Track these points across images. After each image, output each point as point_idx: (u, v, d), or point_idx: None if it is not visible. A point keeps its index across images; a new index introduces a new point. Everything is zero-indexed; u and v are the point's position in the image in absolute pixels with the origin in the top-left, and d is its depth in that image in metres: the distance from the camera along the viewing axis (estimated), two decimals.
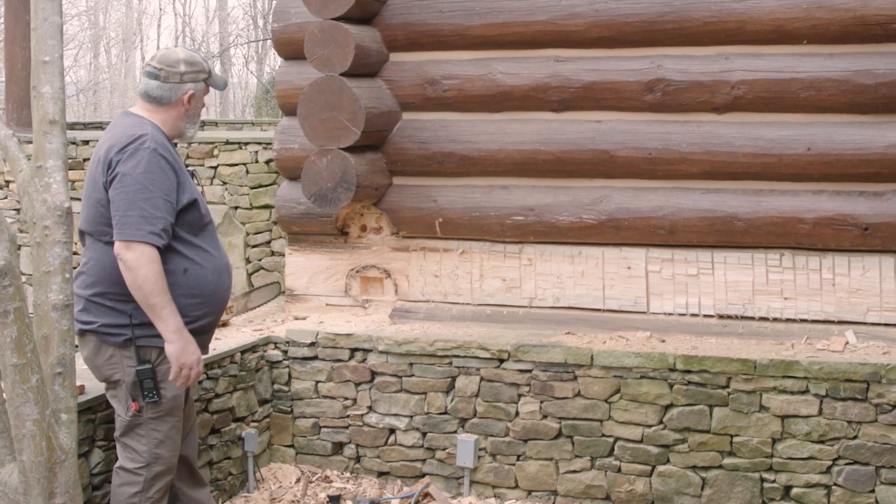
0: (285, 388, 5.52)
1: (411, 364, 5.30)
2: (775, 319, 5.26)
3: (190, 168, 4.19)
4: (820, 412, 4.71)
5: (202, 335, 4.01)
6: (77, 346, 3.91)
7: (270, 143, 7.05)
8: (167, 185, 3.77)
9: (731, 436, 4.85)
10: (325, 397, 5.46)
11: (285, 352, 5.51)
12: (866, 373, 4.64)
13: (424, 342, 5.26)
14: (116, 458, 4.02)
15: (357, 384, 5.40)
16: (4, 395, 3.61)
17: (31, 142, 4.93)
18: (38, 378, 3.53)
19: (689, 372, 4.87)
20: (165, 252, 3.80)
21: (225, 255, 4.07)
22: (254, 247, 7.01)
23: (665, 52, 5.32)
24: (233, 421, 5.23)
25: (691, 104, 5.29)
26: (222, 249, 4.06)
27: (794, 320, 5.24)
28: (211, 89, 4.16)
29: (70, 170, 8.12)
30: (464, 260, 5.75)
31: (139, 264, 3.69)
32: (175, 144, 4.05)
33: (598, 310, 5.53)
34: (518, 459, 5.16)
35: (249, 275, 6.98)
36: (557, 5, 5.40)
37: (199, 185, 4.20)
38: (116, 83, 30.45)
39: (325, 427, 5.48)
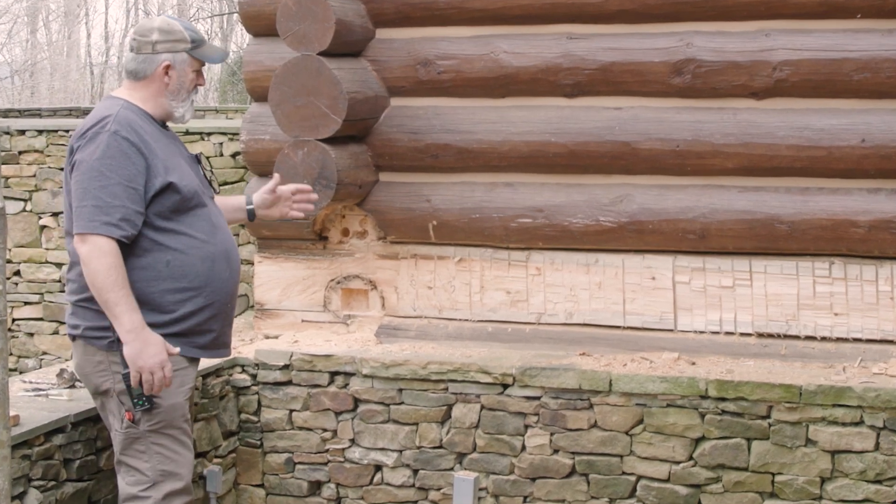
0: (254, 419, 5.50)
1: (401, 390, 5.29)
2: (824, 339, 5.26)
3: (197, 151, 4.33)
4: (877, 447, 4.71)
5: (202, 336, 4.07)
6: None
7: (237, 134, 7.04)
8: (129, 171, 3.86)
9: (773, 474, 4.84)
10: (301, 429, 5.44)
11: (254, 376, 5.49)
12: None
13: (416, 364, 5.25)
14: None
15: (338, 413, 5.39)
16: None
17: None
18: None
19: (723, 400, 4.87)
20: (142, 245, 3.91)
21: (223, 241, 4.12)
22: None
23: (696, 27, 5.32)
24: (194, 456, 5.20)
25: (726, 88, 5.29)
26: (219, 234, 4.12)
27: (845, 340, 5.23)
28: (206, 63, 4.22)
29: (3, 164, 8.09)
30: (462, 269, 5.74)
31: (91, 257, 3.80)
32: (165, 126, 4.14)
33: (618, 327, 5.53)
34: (525, 501, 5.16)
35: None
36: None
37: (208, 169, 4.31)
38: (58, 63, 30.47)
39: (300, 463, 5.46)
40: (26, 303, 8.15)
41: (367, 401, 5.34)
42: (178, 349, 3.95)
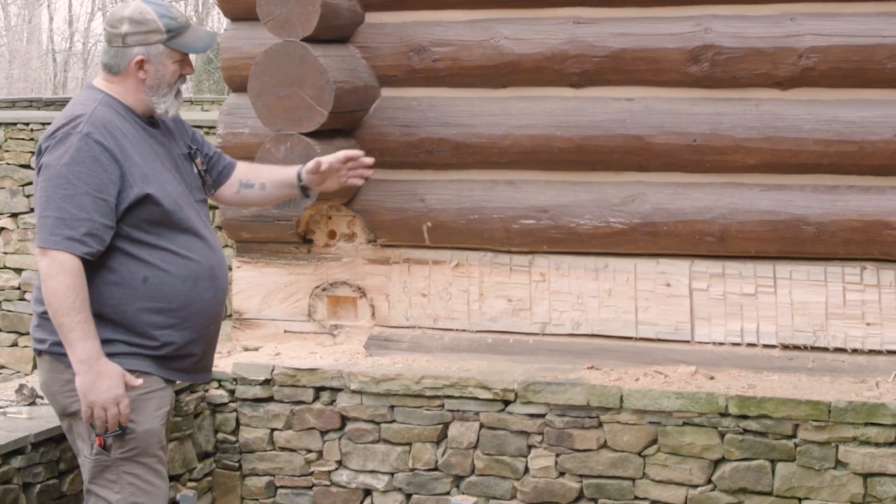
0: (232, 438, 5.50)
1: (392, 407, 5.29)
2: (855, 351, 5.26)
3: (192, 147, 4.23)
4: None
5: (181, 360, 4.04)
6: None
7: (214, 127, 7.02)
8: (100, 179, 3.80)
9: (800, 499, 4.86)
10: (283, 449, 5.45)
11: (232, 392, 5.50)
12: None
13: (409, 379, 5.26)
14: None
15: (323, 433, 5.40)
16: None
17: None
18: None
19: (745, 417, 4.88)
20: (117, 259, 3.87)
21: (209, 257, 4.07)
22: None
23: (714, 10, 5.33)
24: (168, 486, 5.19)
25: (747, 78, 5.29)
26: (205, 249, 4.07)
27: (879, 352, 5.23)
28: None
29: None
30: (459, 275, 5.74)
31: (49, 275, 3.75)
32: (153, 122, 4.09)
33: (630, 338, 5.53)
34: None
35: None
36: None
37: (203, 170, 4.25)
38: (17, 50, 30.45)
39: (282, 487, 5.47)
40: None
41: (355, 419, 5.34)
42: (139, 381, 3.89)
